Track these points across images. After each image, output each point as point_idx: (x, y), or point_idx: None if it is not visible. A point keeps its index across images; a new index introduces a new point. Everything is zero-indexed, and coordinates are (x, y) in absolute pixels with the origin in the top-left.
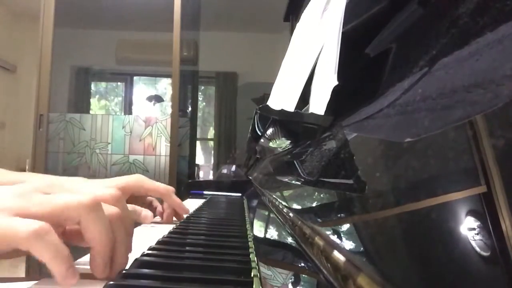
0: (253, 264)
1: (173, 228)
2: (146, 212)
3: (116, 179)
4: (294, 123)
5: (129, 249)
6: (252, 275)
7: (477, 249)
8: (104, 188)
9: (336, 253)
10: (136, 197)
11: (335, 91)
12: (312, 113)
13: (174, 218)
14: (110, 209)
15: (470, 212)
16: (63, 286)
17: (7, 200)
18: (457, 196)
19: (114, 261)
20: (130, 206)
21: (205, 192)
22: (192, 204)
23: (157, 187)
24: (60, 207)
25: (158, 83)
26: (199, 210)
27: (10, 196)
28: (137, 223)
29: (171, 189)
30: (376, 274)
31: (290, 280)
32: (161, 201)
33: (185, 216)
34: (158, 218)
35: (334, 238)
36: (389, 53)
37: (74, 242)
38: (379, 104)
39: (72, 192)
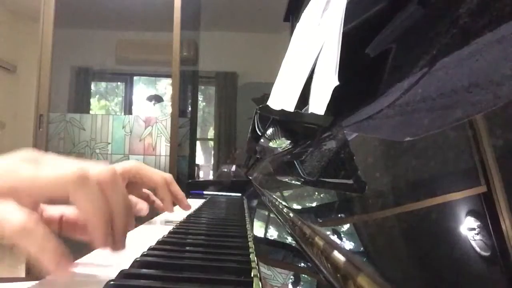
0: (253, 264)
1: (173, 228)
2: (141, 204)
3: (111, 165)
4: (294, 123)
5: (131, 221)
6: (252, 275)
7: (477, 249)
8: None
9: (336, 253)
10: (132, 189)
11: (335, 91)
12: (312, 113)
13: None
14: (99, 174)
15: (470, 212)
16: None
17: None
18: (457, 196)
19: (114, 230)
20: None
21: (205, 192)
22: (192, 204)
23: (152, 177)
24: (46, 182)
25: (158, 83)
26: (199, 210)
27: None
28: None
29: (167, 179)
30: (376, 274)
31: (290, 280)
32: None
33: (184, 216)
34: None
35: (334, 238)
36: (389, 53)
37: (71, 235)
38: (379, 104)
39: (59, 166)
